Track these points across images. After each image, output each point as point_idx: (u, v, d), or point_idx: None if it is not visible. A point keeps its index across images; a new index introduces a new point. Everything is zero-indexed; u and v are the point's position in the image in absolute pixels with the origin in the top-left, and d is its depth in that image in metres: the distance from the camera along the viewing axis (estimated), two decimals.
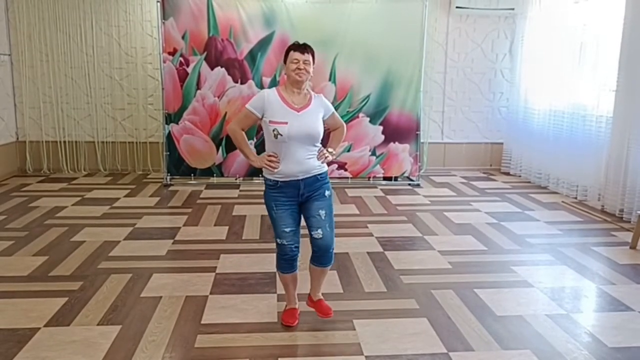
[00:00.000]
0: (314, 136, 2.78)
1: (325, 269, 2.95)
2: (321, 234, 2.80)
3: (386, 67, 6.44)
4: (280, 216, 2.81)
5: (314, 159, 2.81)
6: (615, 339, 2.86)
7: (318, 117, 2.83)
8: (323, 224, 2.81)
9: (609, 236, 4.67)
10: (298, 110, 2.76)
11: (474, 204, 5.75)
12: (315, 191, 2.83)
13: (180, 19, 6.18)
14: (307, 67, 2.75)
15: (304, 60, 2.73)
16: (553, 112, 6.48)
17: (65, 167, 7.11)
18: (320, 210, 2.81)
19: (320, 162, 2.84)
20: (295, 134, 2.72)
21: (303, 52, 2.74)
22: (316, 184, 2.83)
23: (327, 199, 2.86)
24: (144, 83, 7.02)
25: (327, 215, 2.82)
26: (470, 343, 2.81)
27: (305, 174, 2.79)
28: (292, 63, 2.74)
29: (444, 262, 4.00)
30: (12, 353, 2.66)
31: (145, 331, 2.89)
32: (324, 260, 2.89)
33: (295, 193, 2.81)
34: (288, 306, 3.05)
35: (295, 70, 2.73)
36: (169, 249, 4.23)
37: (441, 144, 7.58)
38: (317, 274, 2.98)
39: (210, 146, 6.42)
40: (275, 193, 2.82)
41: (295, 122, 2.72)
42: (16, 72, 6.91)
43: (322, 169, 2.87)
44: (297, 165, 2.76)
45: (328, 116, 2.92)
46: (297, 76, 2.73)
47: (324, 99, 2.92)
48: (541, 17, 6.65)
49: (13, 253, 4.06)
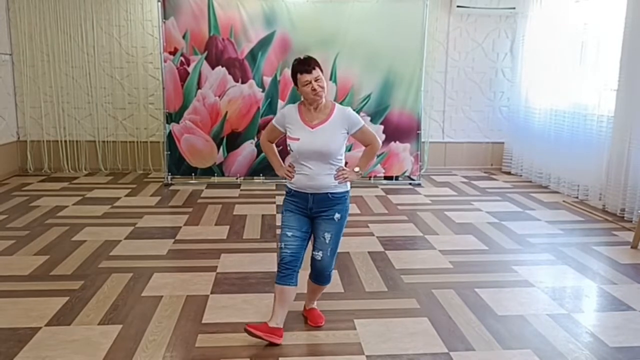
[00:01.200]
0: (324, 154, 2.70)
1: (321, 287, 2.95)
2: (320, 257, 2.80)
3: (387, 67, 6.43)
4: (287, 219, 2.82)
5: (328, 176, 2.74)
6: (617, 339, 2.86)
7: (335, 133, 2.72)
8: (325, 248, 2.79)
9: (610, 236, 4.66)
10: (312, 127, 2.72)
11: (475, 203, 5.74)
12: (325, 211, 2.78)
13: (181, 19, 6.18)
14: (320, 84, 2.68)
15: (315, 79, 2.66)
16: (554, 112, 6.47)
17: (66, 167, 7.11)
18: (326, 234, 2.78)
19: (337, 182, 2.76)
20: (305, 150, 2.71)
21: (310, 71, 2.66)
22: (326, 203, 2.77)
23: (335, 223, 2.79)
24: (145, 82, 7.02)
25: (331, 240, 2.78)
26: (471, 343, 2.80)
27: (315, 190, 2.75)
28: (305, 87, 2.68)
29: (445, 261, 4.00)
30: (13, 352, 2.66)
31: (146, 331, 2.89)
32: (320, 280, 2.89)
33: (305, 205, 2.79)
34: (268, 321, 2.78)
35: (311, 92, 2.67)
36: (170, 248, 4.23)
37: (442, 143, 7.57)
38: (313, 289, 2.98)
39: (211, 146, 6.42)
40: (289, 199, 2.85)
41: (306, 138, 2.70)
42: (17, 71, 6.91)
43: (337, 188, 2.77)
44: (307, 180, 2.75)
45: (355, 131, 2.76)
46: (316, 97, 2.69)
47: (349, 112, 2.77)
48: (542, 16, 6.64)
49: (14, 252, 4.07)
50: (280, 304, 2.78)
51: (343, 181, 2.78)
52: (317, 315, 2.99)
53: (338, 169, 2.77)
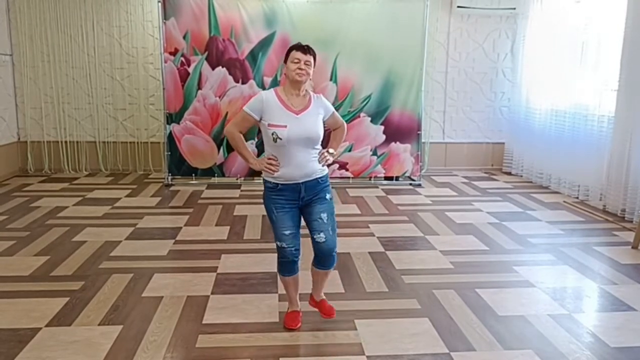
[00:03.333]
0: (313, 139, 2.74)
1: (328, 271, 2.93)
2: (324, 237, 2.78)
3: (387, 67, 6.43)
4: (280, 219, 2.78)
5: (315, 162, 2.77)
6: (618, 339, 2.86)
7: (318, 119, 2.78)
8: (325, 228, 2.78)
9: (611, 236, 4.66)
10: (297, 113, 2.72)
11: (475, 203, 5.74)
12: (316, 195, 2.79)
13: (181, 19, 6.18)
14: (308, 68, 2.71)
15: (305, 61, 2.69)
16: (555, 112, 6.47)
17: (66, 167, 7.12)
18: (322, 214, 2.78)
19: (321, 165, 2.80)
20: (295, 137, 2.68)
21: (305, 53, 2.70)
22: (317, 188, 2.79)
23: (328, 202, 2.82)
24: (145, 83, 7.03)
25: (329, 218, 2.80)
26: (472, 343, 2.80)
27: (306, 177, 2.75)
28: (293, 63, 2.70)
29: (446, 262, 3.99)
30: (13, 353, 2.66)
31: (147, 331, 2.89)
32: (327, 263, 2.87)
33: (296, 196, 2.77)
34: (290, 309, 3.04)
35: (296, 70, 2.69)
36: (170, 249, 4.23)
37: (442, 143, 7.57)
38: (320, 276, 2.96)
39: (212, 146, 6.42)
40: (275, 195, 2.78)
41: (294, 125, 2.68)
42: (17, 72, 6.91)
43: (323, 172, 2.83)
44: (297, 169, 2.72)
45: (328, 116, 2.87)
46: (297, 76, 2.69)
47: (323, 99, 2.87)
48: (542, 16, 6.64)
49: (14, 253, 4.07)
50: (295, 288, 2.99)
51: (325, 164, 2.81)
52: (328, 307, 2.97)
53: (320, 153, 2.80)
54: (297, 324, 2.96)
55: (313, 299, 3.06)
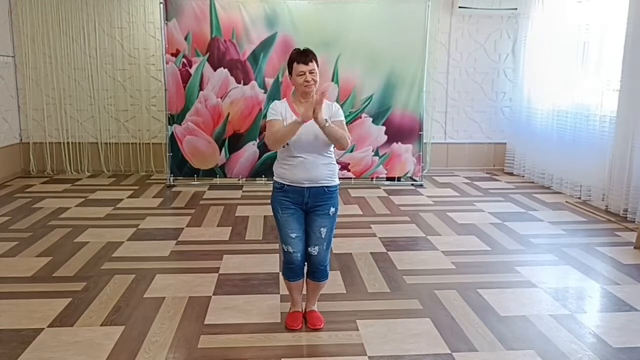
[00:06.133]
0: (319, 144, 2.74)
1: (319, 284, 2.96)
2: (317, 251, 2.83)
3: (389, 68, 6.43)
4: (286, 220, 2.81)
5: (324, 166, 2.78)
6: (620, 340, 2.85)
7: None
8: (321, 242, 2.82)
9: (613, 236, 4.65)
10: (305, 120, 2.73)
11: (477, 204, 5.74)
12: (320, 205, 2.80)
13: (183, 21, 6.19)
14: (315, 77, 2.73)
15: (310, 71, 2.71)
16: (556, 112, 6.46)
17: (68, 169, 7.13)
18: (322, 229, 2.81)
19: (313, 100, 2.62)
20: (300, 141, 2.71)
21: (307, 63, 2.71)
22: (323, 197, 2.80)
23: (330, 218, 2.83)
24: (147, 84, 7.04)
25: (327, 234, 2.82)
26: (474, 344, 2.80)
27: (312, 182, 2.77)
28: (299, 76, 2.71)
29: (448, 262, 3.99)
30: (16, 354, 2.67)
31: (149, 332, 2.90)
32: (318, 276, 2.91)
33: (300, 200, 2.79)
34: (292, 309, 3.05)
35: (304, 83, 2.71)
36: (173, 250, 4.23)
37: (444, 144, 7.56)
38: (312, 287, 3.00)
39: (214, 147, 6.43)
40: (282, 196, 2.82)
41: (302, 129, 2.69)
42: (20, 74, 6.93)
43: (332, 181, 2.82)
44: (304, 172, 2.75)
45: (334, 121, 2.76)
46: (306, 89, 2.72)
47: (335, 106, 2.84)
48: (544, 17, 6.63)
49: (17, 254, 4.08)
50: (299, 292, 3.00)
51: (318, 111, 2.56)
52: (316, 318, 2.99)
53: (321, 92, 2.59)
54: (299, 324, 2.96)
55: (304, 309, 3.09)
